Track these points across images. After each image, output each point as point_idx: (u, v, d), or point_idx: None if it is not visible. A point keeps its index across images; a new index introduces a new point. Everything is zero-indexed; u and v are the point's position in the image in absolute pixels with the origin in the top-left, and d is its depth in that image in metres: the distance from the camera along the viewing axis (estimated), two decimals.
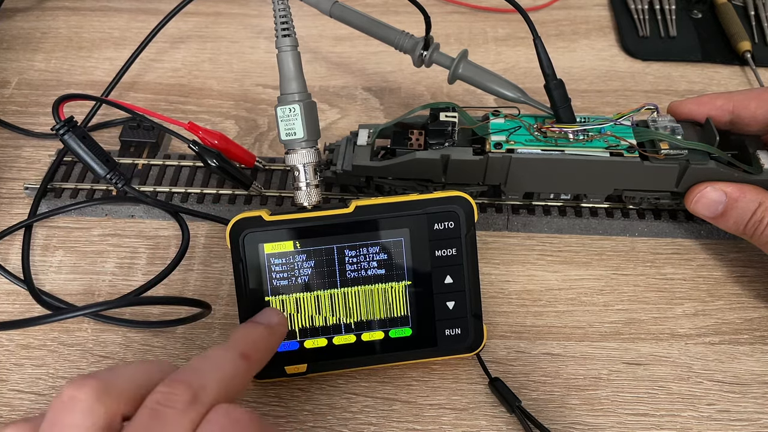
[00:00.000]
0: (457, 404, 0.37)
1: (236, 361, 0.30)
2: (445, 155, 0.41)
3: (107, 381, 0.26)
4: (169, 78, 0.56)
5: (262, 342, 0.32)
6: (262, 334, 0.33)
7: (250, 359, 0.30)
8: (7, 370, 0.39)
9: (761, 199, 0.39)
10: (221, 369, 0.29)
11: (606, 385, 0.38)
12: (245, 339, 0.32)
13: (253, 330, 0.33)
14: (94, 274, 0.43)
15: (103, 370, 0.28)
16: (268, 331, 0.33)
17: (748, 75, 0.56)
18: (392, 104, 0.54)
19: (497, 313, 0.41)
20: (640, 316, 0.41)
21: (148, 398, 0.26)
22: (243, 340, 0.32)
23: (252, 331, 0.33)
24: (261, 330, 0.33)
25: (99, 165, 0.42)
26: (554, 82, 0.41)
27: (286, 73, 0.36)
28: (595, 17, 0.62)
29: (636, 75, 0.57)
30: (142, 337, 0.40)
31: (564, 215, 0.45)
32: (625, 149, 0.41)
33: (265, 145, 0.51)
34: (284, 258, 0.36)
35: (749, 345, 0.40)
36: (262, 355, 0.32)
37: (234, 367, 0.29)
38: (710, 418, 0.37)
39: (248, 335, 0.32)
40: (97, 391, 0.25)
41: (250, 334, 0.32)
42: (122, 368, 0.28)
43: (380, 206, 0.36)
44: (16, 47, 0.59)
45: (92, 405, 0.25)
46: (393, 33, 0.45)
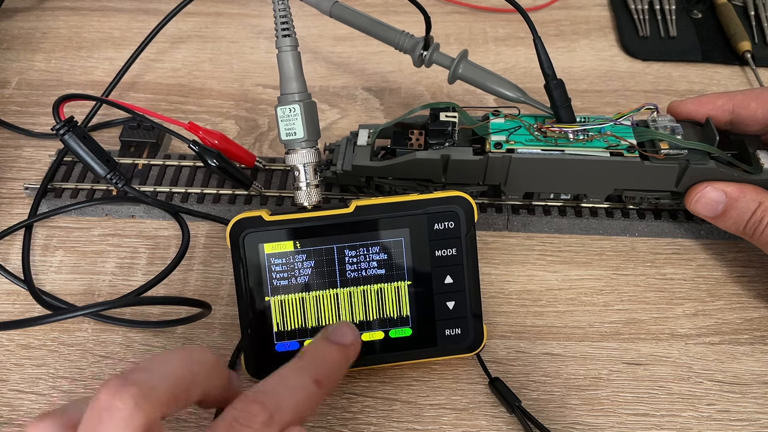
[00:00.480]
0: (457, 404, 0.37)
1: (310, 387, 0.29)
2: (445, 155, 0.41)
3: (146, 387, 0.25)
4: (169, 78, 0.56)
5: (336, 366, 0.32)
6: (336, 358, 0.32)
7: (321, 385, 0.30)
8: (7, 370, 0.39)
9: (761, 199, 0.39)
10: (295, 393, 0.29)
11: (606, 385, 0.38)
12: (319, 363, 0.31)
13: (327, 351, 0.32)
14: (94, 274, 0.43)
15: (139, 368, 0.26)
16: (343, 353, 0.32)
17: (748, 75, 0.56)
18: (392, 104, 0.54)
19: (497, 313, 0.41)
20: (640, 316, 0.41)
21: (226, 412, 0.27)
22: (316, 363, 0.31)
23: (326, 352, 0.32)
24: (335, 352, 0.32)
25: (99, 165, 0.42)
26: (554, 82, 0.41)
27: (286, 73, 0.36)
28: (595, 17, 0.62)
29: (636, 75, 0.57)
30: (142, 337, 0.40)
31: (564, 215, 0.45)
32: (625, 149, 0.41)
33: (265, 145, 0.51)
34: (284, 258, 0.36)
35: (749, 345, 0.40)
36: (334, 382, 0.31)
37: (307, 393, 0.29)
38: (710, 418, 0.37)
39: (323, 358, 0.31)
40: (137, 398, 0.25)
41: (325, 357, 0.31)
42: (160, 365, 0.27)
43: (380, 206, 0.36)
44: (16, 47, 0.59)
45: (132, 414, 0.24)
46: (393, 33, 0.45)
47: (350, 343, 0.33)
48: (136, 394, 0.25)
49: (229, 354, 0.39)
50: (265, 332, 0.36)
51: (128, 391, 0.25)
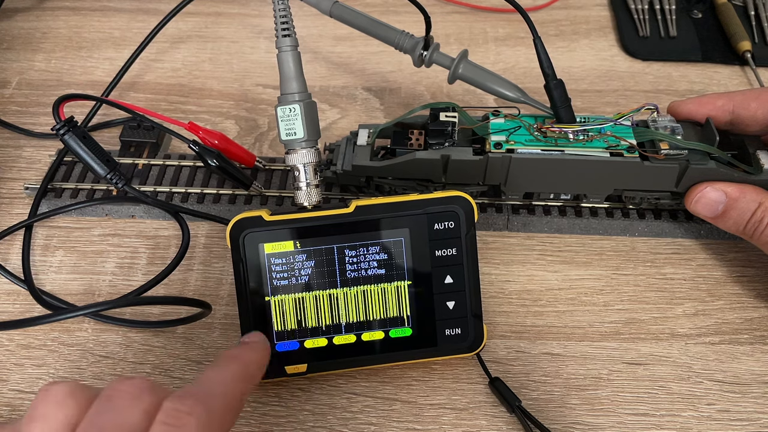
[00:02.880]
0: (457, 404, 0.37)
1: (234, 375, 0.31)
2: (445, 155, 0.41)
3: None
4: (169, 78, 0.56)
5: (251, 360, 0.33)
6: (248, 351, 0.33)
7: (245, 375, 0.32)
8: (7, 370, 0.39)
9: (761, 199, 0.39)
10: (220, 384, 0.30)
11: (606, 385, 0.38)
12: (232, 359, 0.32)
13: (239, 350, 0.33)
14: (95, 274, 0.43)
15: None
16: (253, 348, 0.34)
17: (748, 75, 0.56)
18: (392, 104, 0.54)
19: (497, 313, 0.41)
20: (640, 316, 0.41)
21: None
22: (231, 358, 0.32)
23: (238, 351, 0.33)
24: (246, 349, 0.34)
25: (99, 165, 0.42)
26: (554, 82, 0.41)
27: (287, 73, 0.36)
28: (595, 17, 0.62)
29: (636, 75, 0.57)
30: (142, 337, 0.40)
31: (564, 215, 0.45)
32: (625, 149, 0.41)
33: (265, 145, 0.51)
34: (284, 258, 0.36)
35: (749, 345, 0.40)
36: (255, 375, 0.33)
37: (231, 382, 0.31)
38: (710, 418, 0.37)
39: (234, 355, 0.33)
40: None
41: (237, 354, 0.33)
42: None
43: (380, 206, 0.36)
44: (16, 47, 0.59)
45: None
46: (393, 33, 0.45)
47: (257, 340, 0.35)
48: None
49: None
50: (265, 332, 0.36)
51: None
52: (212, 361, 0.33)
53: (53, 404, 0.26)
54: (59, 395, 0.26)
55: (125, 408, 0.26)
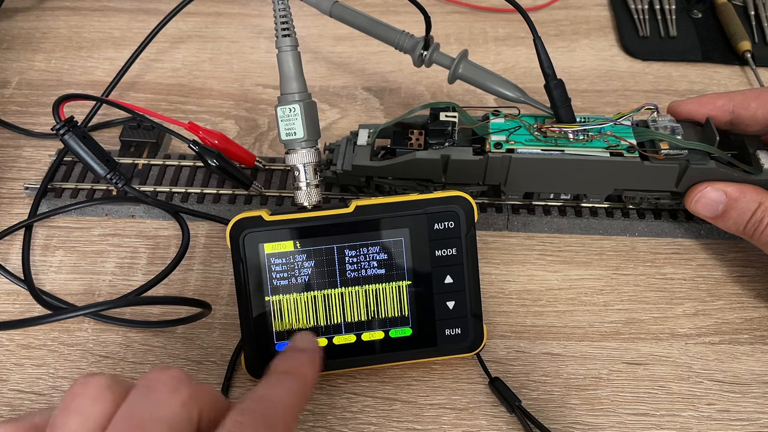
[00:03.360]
0: (457, 404, 0.37)
1: (294, 388, 0.31)
2: (445, 155, 0.41)
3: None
4: (169, 78, 0.56)
5: (308, 369, 0.33)
6: (306, 360, 0.33)
7: (303, 385, 0.31)
8: (7, 370, 0.39)
9: (761, 199, 0.39)
10: (283, 399, 0.30)
11: (606, 384, 0.38)
12: (293, 369, 0.32)
13: (295, 358, 0.33)
14: (95, 274, 0.43)
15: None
16: (309, 357, 0.34)
17: (748, 75, 0.56)
18: (392, 104, 0.54)
19: (497, 313, 0.41)
20: (640, 315, 0.41)
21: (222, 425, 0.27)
22: (291, 369, 0.32)
23: (295, 359, 0.33)
24: (303, 357, 0.33)
25: (99, 165, 0.42)
26: (554, 82, 0.41)
27: (286, 73, 0.36)
28: (595, 17, 0.62)
29: (636, 75, 0.57)
30: (142, 337, 0.40)
31: (564, 215, 0.45)
32: (625, 149, 0.41)
33: (265, 145, 0.51)
34: (284, 258, 0.36)
35: (749, 345, 0.40)
36: (310, 384, 0.32)
37: (292, 395, 0.30)
38: (710, 418, 0.37)
39: (294, 365, 0.33)
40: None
41: (296, 364, 0.33)
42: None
43: (380, 206, 0.36)
44: (16, 47, 0.59)
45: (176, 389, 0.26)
46: (393, 33, 0.45)
47: (312, 350, 0.34)
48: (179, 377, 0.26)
49: (229, 354, 0.39)
50: (265, 332, 0.36)
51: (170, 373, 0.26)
52: (269, 375, 0.31)
53: (90, 398, 0.25)
54: (97, 389, 0.26)
55: (164, 400, 0.25)
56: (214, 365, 0.39)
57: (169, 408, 0.25)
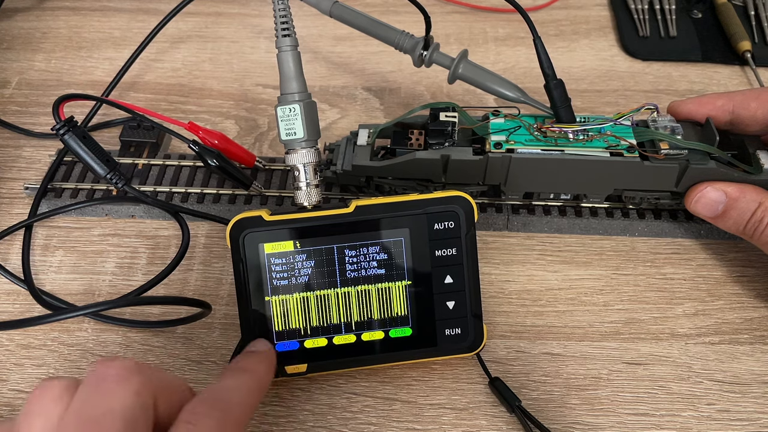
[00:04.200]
0: (457, 404, 0.37)
1: (247, 383, 0.32)
2: (445, 155, 0.41)
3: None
4: (169, 78, 0.56)
5: (261, 366, 0.34)
6: (258, 358, 0.35)
7: (257, 382, 0.33)
8: (7, 370, 0.39)
9: (761, 199, 0.39)
10: (235, 392, 0.31)
11: (606, 384, 0.38)
12: (243, 369, 0.33)
13: (246, 360, 0.34)
14: (94, 274, 0.43)
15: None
16: (260, 357, 0.35)
17: (748, 75, 0.56)
18: (392, 104, 0.54)
19: (497, 313, 0.41)
20: (640, 315, 0.41)
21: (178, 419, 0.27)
22: (242, 369, 0.33)
23: (246, 361, 0.34)
24: (254, 358, 0.35)
25: (99, 165, 0.42)
26: (554, 82, 0.41)
27: (286, 73, 0.36)
28: (595, 17, 0.62)
29: (636, 75, 0.57)
30: (142, 337, 0.40)
31: (564, 215, 0.45)
32: (625, 149, 0.41)
33: (265, 145, 0.51)
34: (284, 258, 0.36)
35: (749, 345, 0.40)
36: (265, 381, 0.34)
37: (246, 388, 0.32)
38: (710, 417, 0.37)
39: (245, 365, 0.34)
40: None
41: (247, 364, 0.34)
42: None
43: (380, 206, 0.36)
44: (16, 47, 0.59)
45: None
46: (393, 33, 0.45)
47: (265, 350, 0.35)
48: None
49: (229, 354, 0.39)
50: (265, 332, 0.36)
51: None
52: (224, 372, 0.33)
53: (50, 400, 0.26)
54: (56, 391, 0.26)
55: (115, 391, 0.26)
56: (214, 365, 0.39)
57: (121, 399, 0.25)
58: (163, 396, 0.27)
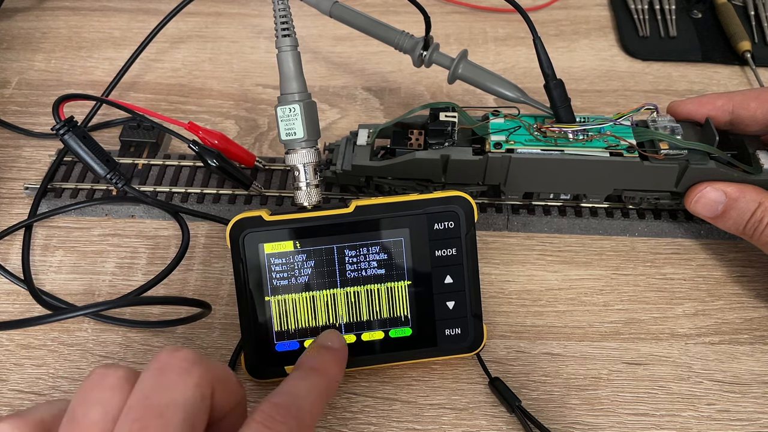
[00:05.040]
0: (457, 404, 0.37)
1: (319, 386, 0.32)
2: (445, 155, 0.41)
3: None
4: (169, 78, 0.56)
5: (333, 367, 0.34)
6: (332, 359, 0.34)
7: (328, 383, 0.32)
8: (7, 370, 0.39)
9: (761, 199, 0.39)
10: (310, 397, 0.31)
11: (606, 385, 0.38)
12: (318, 367, 0.33)
13: (321, 357, 0.34)
14: (94, 274, 0.43)
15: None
16: (335, 356, 0.34)
17: (748, 75, 0.56)
18: (392, 104, 0.54)
19: (497, 313, 0.41)
20: (640, 316, 0.41)
21: (249, 421, 0.27)
22: (316, 367, 0.33)
23: (321, 358, 0.34)
24: (329, 355, 0.34)
25: (99, 165, 0.42)
26: (554, 82, 0.41)
27: (286, 73, 0.36)
28: (595, 17, 0.62)
29: (636, 75, 0.57)
30: (142, 337, 0.40)
31: (564, 215, 0.45)
32: (624, 149, 0.41)
33: (265, 145, 0.51)
34: (284, 258, 0.36)
35: (749, 345, 0.40)
36: (336, 382, 0.33)
37: (318, 393, 0.31)
38: (710, 418, 0.37)
39: (321, 362, 0.33)
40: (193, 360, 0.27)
41: (322, 362, 0.33)
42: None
43: (380, 206, 0.36)
44: (16, 47, 0.59)
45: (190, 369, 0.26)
46: (393, 33, 0.45)
47: (339, 348, 0.34)
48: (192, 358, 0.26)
49: (229, 354, 0.39)
50: (265, 332, 0.36)
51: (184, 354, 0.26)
52: (297, 371, 0.32)
53: (108, 388, 0.25)
54: (113, 380, 0.26)
55: (177, 383, 0.25)
56: None
57: (183, 390, 0.25)
58: (219, 387, 0.27)
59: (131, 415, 0.25)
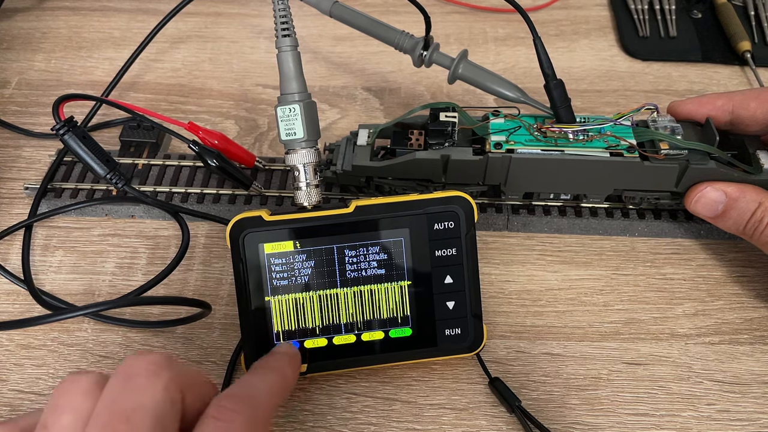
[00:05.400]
0: (457, 404, 0.37)
1: (273, 381, 0.32)
2: (445, 155, 0.41)
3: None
4: (169, 78, 0.56)
5: (286, 367, 0.34)
6: (283, 359, 0.34)
7: (284, 379, 0.33)
8: (7, 370, 0.39)
9: (761, 199, 0.39)
10: (264, 386, 0.31)
11: (606, 385, 0.38)
12: (271, 367, 0.33)
13: (273, 359, 0.34)
14: (94, 274, 0.43)
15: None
16: (287, 357, 0.34)
17: (748, 75, 0.56)
18: (392, 104, 0.54)
19: (497, 313, 0.41)
20: (640, 316, 0.41)
21: (204, 414, 0.27)
22: (269, 367, 0.33)
23: (273, 359, 0.34)
24: (281, 356, 0.34)
25: (99, 165, 0.42)
26: (554, 82, 0.41)
27: (286, 73, 0.36)
28: (595, 17, 0.62)
29: (636, 75, 0.57)
30: (142, 337, 0.40)
31: (564, 215, 0.45)
32: (625, 149, 0.41)
33: (265, 145, 0.51)
34: (284, 258, 0.36)
35: (749, 345, 0.40)
36: (291, 381, 0.33)
37: (270, 386, 0.31)
38: (710, 418, 0.37)
39: (272, 364, 0.33)
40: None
41: (274, 363, 0.33)
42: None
43: (380, 206, 0.36)
44: (16, 47, 0.59)
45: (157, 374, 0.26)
46: (393, 33, 0.45)
47: (292, 353, 0.35)
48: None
49: (229, 354, 0.39)
50: (265, 332, 0.36)
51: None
52: (251, 369, 0.32)
53: (78, 394, 0.26)
54: (84, 385, 0.26)
55: (145, 387, 0.25)
56: (214, 365, 0.39)
57: (152, 394, 0.25)
58: (190, 391, 0.27)
59: (99, 421, 0.25)
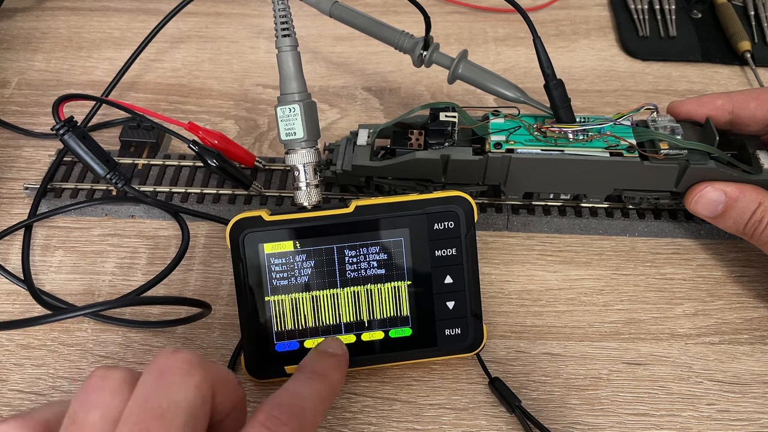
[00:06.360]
0: (457, 404, 0.37)
1: (321, 390, 0.31)
2: (445, 155, 0.41)
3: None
4: (169, 78, 0.56)
5: (335, 372, 0.33)
6: (333, 364, 0.34)
7: (330, 387, 0.32)
8: (7, 370, 0.39)
9: (761, 199, 0.39)
10: (312, 399, 0.31)
11: (606, 385, 0.38)
12: (320, 370, 0.33)
13: (324, 360, 0.34)
14: (94, 274, 0.43)
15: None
16: (337, 360, 0.34)
17: (748, 75, 0.56)
18: (392, 104, 0.54)
19: (497, 313, 0.41)
20: (640, 316, 0.41)
21: (251, 422, 0.27)
22: (318, 370, 0.33)
23: (324, 361, 0.34)
24: (331, 360, 0.34)
25: (99, 165, 0.42)
26: (554, 82, 0.41)
27: (286, 73, 0.36)
28: (595, 17, 0.62)
29: (636, 75, 0.57)
30: (142, 337, 0.40)
31: (564, 215, 0.45)
32: (624, 149, 0.41)
33: (265, 145, 0.51)
34: (284, 258, 0.36)
35: (749, 345, 0.40)
36: (338, 386, 0.33)
37: (320, 396, 0.31)
38: (710, 418, 0.37)
39: (322, 366, 0.33)
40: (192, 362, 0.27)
41: (324, 365, 0.33)
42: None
43: (380, 206, 0.36)
44: (16, 47, 0.59)
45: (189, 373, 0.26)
46: (393, 33, 0.45)
47: (341, 354, 0.34)
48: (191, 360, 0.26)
49: (229, 354, 0.39)
50: (265, 332, 0.36)
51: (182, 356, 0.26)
52: (298, 374, 0.32)
53: (108, 391, 0.25)
54: (114, 382, 0.26)
55: (178, 385, 0.25)
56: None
57: (184, 392, 0.25)
58: (220, 390, 0.27)
59: (132, 418, 0.24)
